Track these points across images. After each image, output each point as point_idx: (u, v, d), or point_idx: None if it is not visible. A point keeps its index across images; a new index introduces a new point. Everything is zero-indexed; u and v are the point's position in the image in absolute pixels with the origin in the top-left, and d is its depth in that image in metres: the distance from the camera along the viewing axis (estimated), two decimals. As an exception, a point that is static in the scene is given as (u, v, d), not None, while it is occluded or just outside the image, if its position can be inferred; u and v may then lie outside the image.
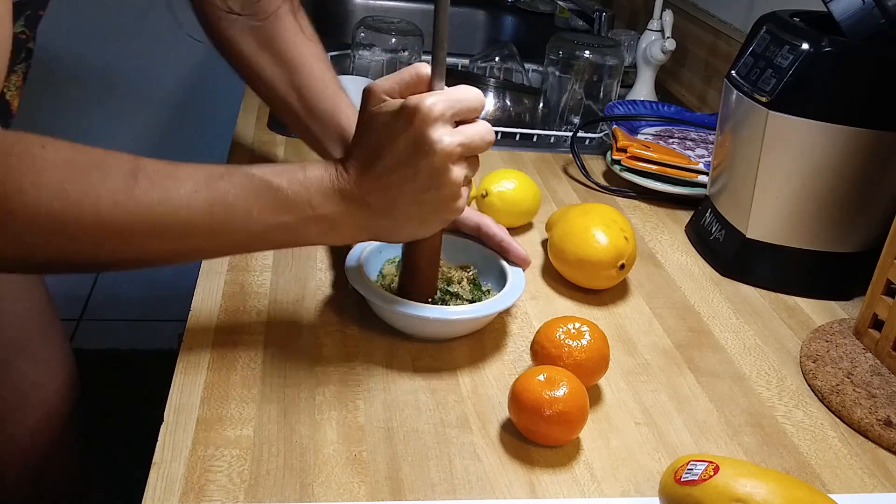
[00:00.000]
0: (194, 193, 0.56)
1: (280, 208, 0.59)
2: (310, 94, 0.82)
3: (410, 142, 0.58)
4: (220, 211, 0.57)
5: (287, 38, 0.83)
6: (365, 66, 1.31)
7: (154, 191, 0.55)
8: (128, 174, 0.54)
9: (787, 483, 0.51)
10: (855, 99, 0.79)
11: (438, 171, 0.59)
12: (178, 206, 0.55)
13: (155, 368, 1.31)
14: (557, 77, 1.29)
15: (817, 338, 0.77)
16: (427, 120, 0.57)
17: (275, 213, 0.59)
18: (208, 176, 0.57)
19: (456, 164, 0.60)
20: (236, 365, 0.65)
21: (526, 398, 0.59)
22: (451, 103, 0.59)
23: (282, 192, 0.58)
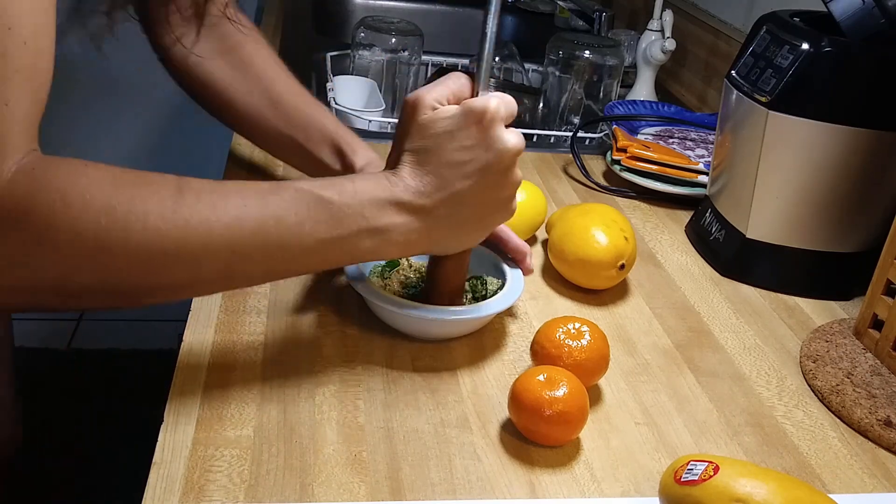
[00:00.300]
0: (243, 207, 0.54)
1: (332, 221, 0.57)
2: (287, 104, 0.80)
3: (481, 142, 0.59)
4: (272, 224, 0.55)
5: (247, 52, 0.82)
6: (365, 66, 1.31)
7: (202, 205, 0.52)
8: (174, 190, 0.52)
9: (787, 483, 0.51)
10: (855, 99, 0.79)
11: (506, 170, 0.60)
12: (228, 220, 0.53)
13: (155, 368, 1.31)
14: (557, 77, 1.29)
15: (817, 338, 0.77)
16: (496, 120, 0.59)
17: (328, 226, 0.57)
18: (256, 190, 0.55)
19: (516, 165, 0.62)
20: (236, 365, 0.65)
21: (526, 398, 0.59)
22: (505, 105, 0.60)
23: (333, 204, 0.57)
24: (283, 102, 0.81)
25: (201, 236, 0.52)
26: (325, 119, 0.80)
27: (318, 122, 0.80)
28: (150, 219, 0.50)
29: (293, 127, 0.80)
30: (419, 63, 1.36)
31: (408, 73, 1.33)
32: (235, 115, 0.83)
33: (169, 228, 0.51)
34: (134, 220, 0.49)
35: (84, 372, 1.98)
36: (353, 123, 1.17)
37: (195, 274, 0.54)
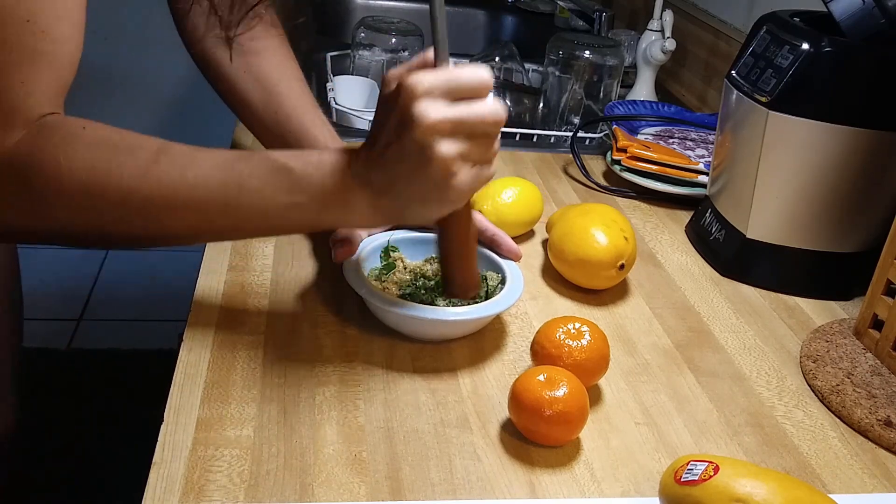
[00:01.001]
0: (209, 171, 0.59)
1: (293, 188, 0.60)
2: (285, 113, 0.83)
3: (397, 118, 0.57)
4: (234, 188, 0.59)
5: (268, 61, 0.85)
6: (365, 66, 1.31)
7: (173, 169, 0.58)
8: (153, 154, 0.58)
9: (787, 483, 0.51)
10: (855, 99, 0.79)
11: (423, 147, 0.56)
12: (195, 183, 0.59)
13: (155, 368, 1.31)
14: (557, 77, 1.29)
15: (817, 338, 0.77)
16: (412, 95, 0.56)
17: (288, 192, 0.60)
18: (227, 158, 0.60)
19: (445, 139, 0.57)
20: (236, 365, 0.65)
21: (526, 398, 0.59)
22: (443, 80, 0.57)
23: (294, 172, 0.60)
24: (284, 108, 0.83)
25: (166, 195, 0.58)
26: (318, 131, 0.82)
27: (310, 134, 0.82)
28: (124, 179, 0.57)
29: (287, 132, 0.83)
30: (419, 63, 1.36)
31: (408, 73, 1.33)
32: (241, 110, 0.86)
33: (140, 186, 0.58)
34: (112, 178, 0.57)
35: (84, 372, 1.98)
36: (354, 123, 1.17)
37: (164, 227, 0.60)
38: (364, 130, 1.15)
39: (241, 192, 0.60)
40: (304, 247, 0.83)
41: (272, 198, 0.60)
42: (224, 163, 0.60)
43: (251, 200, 0.60)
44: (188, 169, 0.59)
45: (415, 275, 0.75)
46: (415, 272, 0.75)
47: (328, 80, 1.23)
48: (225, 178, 0.59)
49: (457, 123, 0.57)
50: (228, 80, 0.85)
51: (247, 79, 0.84)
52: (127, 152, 0.58)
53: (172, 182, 0.58)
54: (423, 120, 0.56)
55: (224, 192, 0.59)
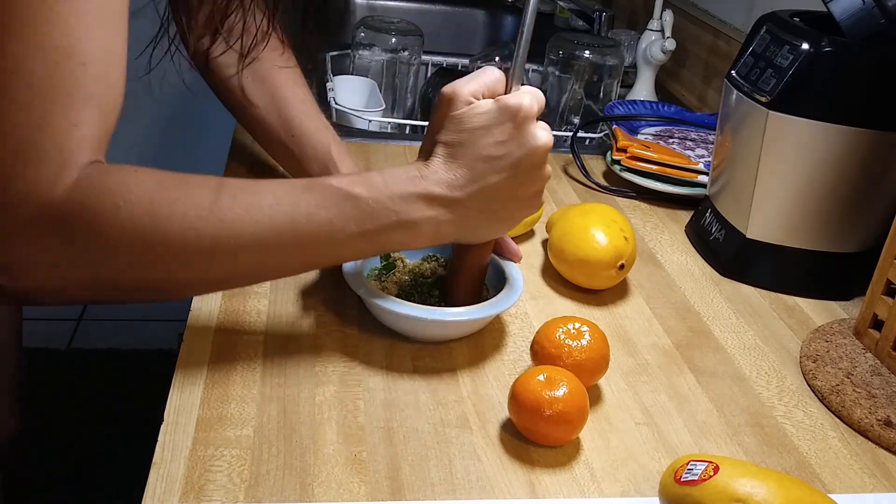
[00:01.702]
0: (276, 206, 0.57)
1: (362, 217, 0.59)
2: (288, 116, 0.83)
3: (514, 138, 0.60)
4: (303, 222, 0.58)
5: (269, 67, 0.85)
6: (365, 66, 1.31)
7: (236, 205, 0.56)
8: (212, 190, 0.56)
9: (787, 483, 0.51)
10: (855, 99, 0.79)
11: (538, 165, 0.62)
12: (261, 218, 0.56)
13: (155, 368, 1.31)
14: (557, 77, 1.29)
15: (817, 338, 0.77)
16: (530, 117, 0.61)
17: (357, 222, 0.59)
18: (289, 189, 0.59)
19: (546, 161, 0.63)
20: (236, 365, 0.65)
21: (526, 398, 0.59)
22: (538, 102, 0.62)
23: (362, 200, 0.59)
24: (287, 112, 0.83)
25: (235, 234, 0.56)
26: (321, 136, 0.82)
27: (314, 139, 0.82)
28: (188, 218, 0.54)
29: (292, 138, 0.83)
30: (419, 63, 1.36)
31: (408, 73, 1.34)
32: (243, 113, 0.86)
33: (206, 227, 0.55)
34: (174, 219, 0.54)
35: (84, 372, 1.98)
36: (354, 123, 1.17)
37: (231, 269, 0.58)
38: (364, 130, 1.15)
39: (309, 226, 0.58)
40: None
41: (342, 228, 0.59)
42: (287, 195, 0.58)
43: (320, 233, 0.58)
44: (252, 205, 0.56)
45: (414, 275, 0.75)
46: (414, 272, 0.75)
47: (328, 80, 1.23)
48: (291, 212, 0.57)
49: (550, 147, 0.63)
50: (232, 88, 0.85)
51: (250, 85, 0.84)
52: (186, 190, 0.55)
53: (239, 220, 0.56)
54: (545, 142, 0.61)
55: (293, 227, 0.57)
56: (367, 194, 0.59)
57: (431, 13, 1.73)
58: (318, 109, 0.84)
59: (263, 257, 0.58)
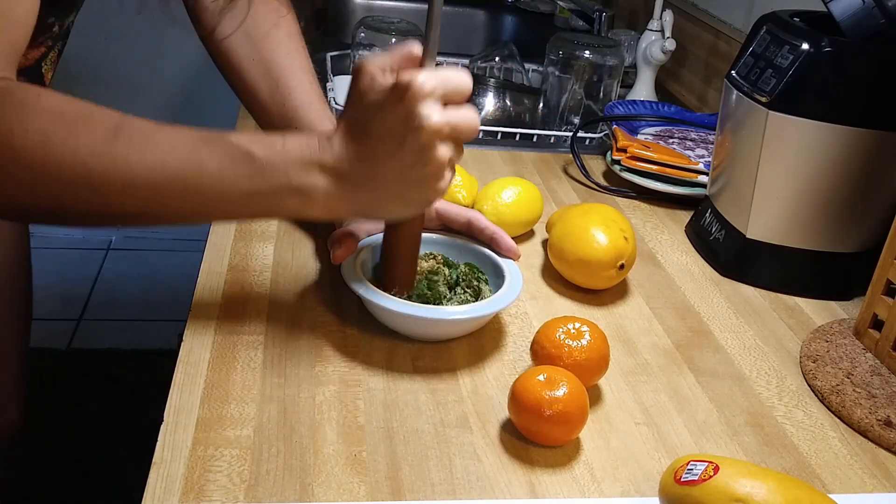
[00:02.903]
0: (170, 153, 0.57)
1: (254, 176, 0.59)
2: (292, 106, 0.82)
3: (400, 116, 0.58)
4: (193, 172, 0.58)
5: (277, 48, 0.84)
6: (365, 66, 1.31)
7: (132, 148, 0.56)
8: (111, 130, 0.56)
9: (787, 483, 0.51)
10: (855, 99, 0.79)
11: (424, 148, 0.59)
12: (153, 164, 0.56)
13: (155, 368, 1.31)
14: (557, 77, 1.29)
15: (817, 338, 0.77)
16: (418, 95, 0.58)
17: (249, 180, 0.59)
18: (187, 138, 0.58)
19: (442, 143, 0.60)
20: (236, 365, 0.65)
21: (526, 398, 0.59)
22: (441, 82, 0.59)
23: (258, 159, 0.59)
24: (291, 100, 0.82)
25: (124, 176, 0.56)
26: (321, 126, 0.80)
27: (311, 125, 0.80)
28: (79, 153, 0.55)
29: (288, 121, 0.81)
30: (419, 63, 1.36)
31: (408, 73, 1.33)
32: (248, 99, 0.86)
33: (96, 164, 0.55)
34: (66, 152, 0.54)
35: (84, 372, 1.98)
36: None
37: (120, 208, 0.58)
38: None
39: (200, 177, 0.58)
40: (305, 247, 0.83)
41: (233, 184, 0.58)
42: (184, 145, 0.58)
43: (211, 185, 0.58)
44: (147, 149, 0.57)
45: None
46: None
47: (328, 80, 1.23)
48: (184, 162, 0.57)
49: (453, 128, 0.60)
50: (238, 69, 0.84)
51: (256, 69, 0.83)
52: (84, 126, 0.56)
53: (129, 162, 0.56)
54: (432, 123, 0.58)
55: (183, 176, 0.57)
56: (263, 154, 0.59)
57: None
58: (322, 98, 0.83)
59: (152, 201, 0.58)
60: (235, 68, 0.84)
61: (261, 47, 0.83)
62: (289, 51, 0.84)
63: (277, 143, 0.60)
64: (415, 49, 0.61)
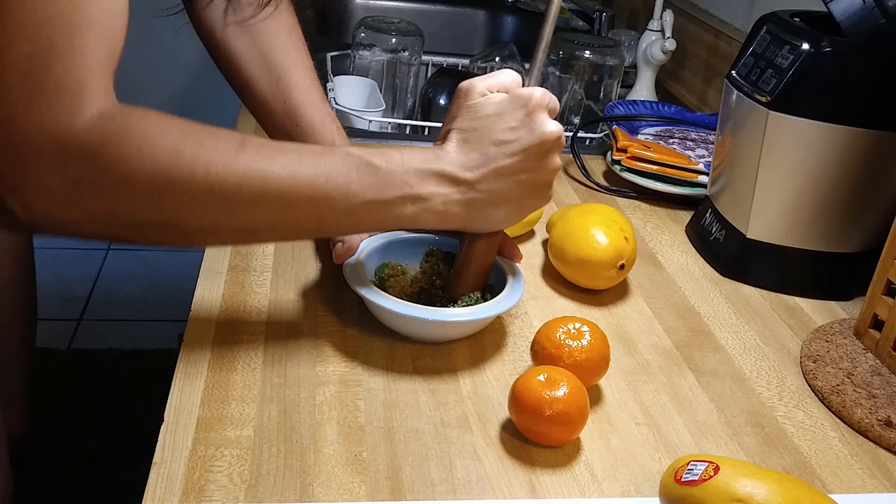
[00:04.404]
0: (298, 163, 0.59)
1: (378, 184, 0.61)
2: (295, 104, 0.82)
3: (525, 124, 0.63)
4: (322, 181, 0.59)
5: (278, 45, 0.83)
6: (365, 66, 1.31)
7: (260, 158, 0.57)
8: (237, 143, 0.57)
9: (787, 483, 0.51)
10: (855, 99, 0.79)
11: (546, 153, 0.64)
12: (282, 173, 0.58)
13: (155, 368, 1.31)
14: (557, 77, 1.29)
15: (817, 338, 0.77)
16: (541, 106, 0.63)
17: (374, 189, 0.61)
18: (311, 149, 0.63)
19: (557, 152, 0.65)
20: (236, 365, 0.65)
21: (526, 398, 0.59)
22: (550, 98, 0.64)
23: (380, 169, 0.61)
24: (293, 100, 0.82)
25: (257, 184, 0.57)
26: (327, 128, 0.81)
27: (319, 130, 0.81)
28: (212, 165, 0.55)
29: (295, 128, 0.81)
30: (419, 63, 1.36)
31: (408, 73, 1.33)
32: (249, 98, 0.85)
33: (229, 175, 0.56)
34: (198, 164, 0.55)
35: (84, 372, 1.98)
36: (354, 123, 1.17)
37: (250, 219, 0.59)
38: (364, 130, 1.15)
39: (328, 186, 0.59)
40: (305, 247, 0.83)
41: (358, 193, 0.60)
42: (310, 156, 0.60)
43: (338, 195, 0.60)
44: (275, 159, 0.58)
45: (415, 275, 0.75)
46: (415, 272, 0.75)
47: (328, 80, 1.23)
48: (313, 172, 0.59)
49: (563, 140, 0.65)
50: (237, 65, 0.83)
51: (256, 65, 0.83)
52: (212, 139, 0.56)
53: (261, 171, 0.57)
54: (555, 132, 0.64)
55: (312, 185, 0.59)
56: (385, 165, 0.61)
57: (431, 13, 1.73)
58: (323, 97, 0.83)
59: (281, 211, 0.59)
60: (235, 64, 0.83)
61: (261, 43, 0.83)
62: (289, 47, 0.84)
63: (396, 155, 0.63)
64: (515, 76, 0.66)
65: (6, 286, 0.96)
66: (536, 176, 0.65)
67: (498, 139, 0.63)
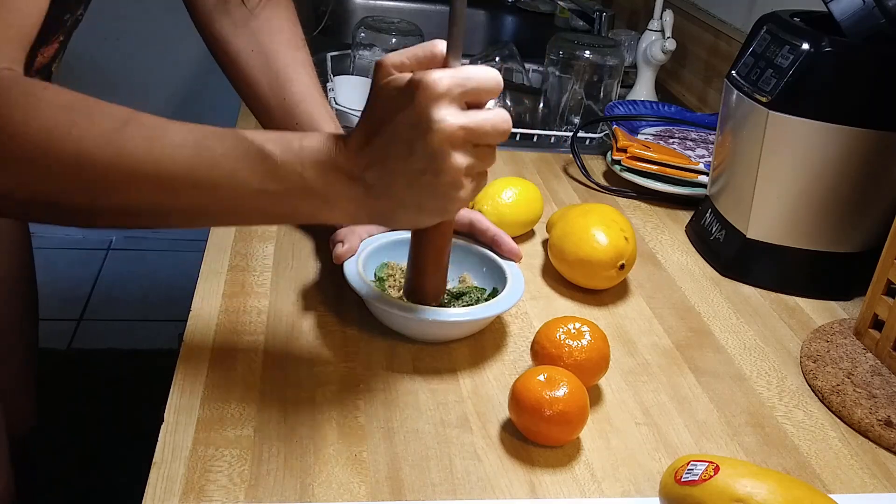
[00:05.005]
0: (180, 147, 0.55)
1: (268, 175, 0.55)
2: (293, 100, 0.81)
3: (411, 118, 0.54)
4: (204, 168, 0.55)
5: (277, 41, 0.83)
6: (365, 66, 1.31)
7: (140, 140, 0.54)
8: (119, 121, 0.54)
9: (787, 483, 0.51)
10: (855, 99, 0.79)
11: (436, 154, 0.54)
12: (161, 156, 0.54)
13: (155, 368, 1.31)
14: (558, 77, 1.29)
15: (817, 338, 0.77)
16: (430, 96, 0.53)
17: (262, 178, 0.55)
18: (199, 133, 0.56)
19: (458, 149, 0.54)
20: (236, 365, 0.65)
21: (526, 398, 0.59)
22: (460, 81, 0.54)
23: (272, 158, 0.55)
24: (291, 95, 0.81)
25: (130, 167, 0.54)
26: (325, 125, 0.80)
27: (315, 123, 0.80)
28: (84, 142, 0.52)
29: (294, 125, 0.81)
30: (419, 63, 1.36)
31: (408, 73, 1.33)
32: (248, 93, 0.84)
33: (101, 154, 0.53)
34: (70, 141, 0.52)
35: (84, 372, 1.98)
36: (354, 123, 1.17)
37: (125, 202, 0.56)
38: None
39: (211, 173, 0.55)
40: (305, 247, 0.83)
41: (245, 183, 0.55)
42: (196, 139, 0.55)
43: (221, 183, 0.55)
44: (156, 141, 0.54)
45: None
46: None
47: (328, 80, 1.23)
48: (195, 156, 0.55)
49: (471, 132, 0.54)
50: (236, 61, 0.83)
51: (255, 60, 0.82)
52: (90, 117, 0.53)
53: (136, 152, 0.53)
54: (443, 127, 0.53)
55: (192, 171, 0.55)
56: (279, 153, 0.55)
57: (431, 13, 1.73)
58: (321, 93, 0.83)
59: (159, 196, 0.55)
60: (233, 59, 0.83)
61: (260, 38, 0.82)
62: (288, 43, 0.84)
63: (294, 143, 0.56)
64: (438, 46, 0.57)
65: (5, 279, 0.96)
66: (433, 178, 0.55)
67: (387, 134, 0.55)
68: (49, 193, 0.54)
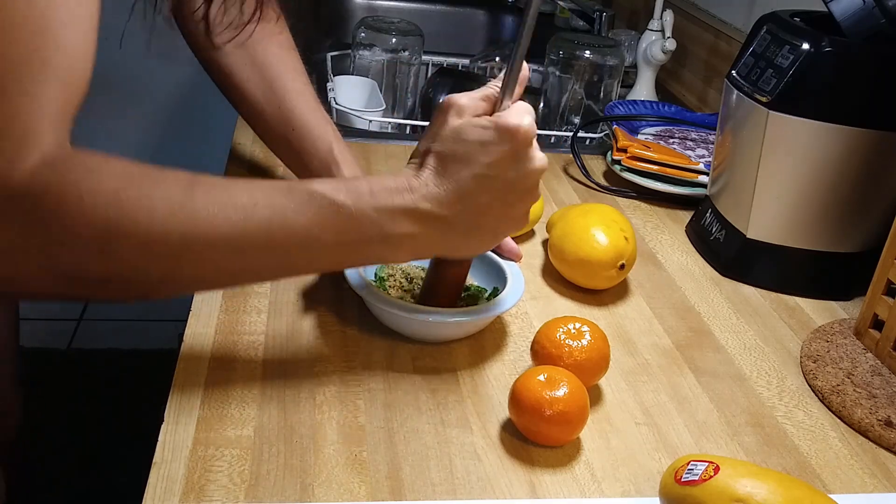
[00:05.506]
0: (252, 207, 0.54)
1: (342, 227, 0.56)
2: (289, 107, 0.81)
3: (511, 159, 0.59)
4: (278, 225, 0.54)
5: (270, 51, 0.83)
6: (365, 66, 1.31)
7: (210, 202, 0.53)
8: (185, 186, 0.53)
9: (787, 483, 0.51)
10: (855, 99, 0.79)
11: (531, 188, 0.61)
12: (235, 218, 0.53)
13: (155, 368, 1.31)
14: (558, 77, 1.29)
15: (818, 338, 0.77)
16: (528, 140, 0.59)
17: (337, 232, 0.56)
18: (267, 190, 0.55)
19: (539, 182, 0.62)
20: (236, 365, 0.65)
21: (526, 398, 0.59)
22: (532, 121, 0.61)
23: (346, 209, 0.56)
24: (287, 104, 0.82)
25: (206, 233, 0.52)
26: (322, 132, 0.80)
27: (314, 135, 0.80)
28: (156, 212, 0.51)
29: (292, 131, 0.81)
30: (419, 63, 1.36)
31: (408, 73, 1.33)
32: (244, 105, 0.85)
33: (175, 222, 0.51)
34: (141, 212, 0.51)
35: (84, 372, 1.98)
36: (354, 123, 1.17)
37: (200, 269, 0.55)
38: (364, 130, 1.15)
39: (285, 231, 0.55)
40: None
41: (320, 237, 0.56)
42: (266, 197, 0.54)
43: (297, 239, 0.55)
44: (227, 203, 0.53)
45: (416, 276, 0.75)
46: (416, 273, 0.75)
47: (328, 80, 1.23)
48: (269, 215, 0.54)
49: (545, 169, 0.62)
50: (229, 73, 0.83)
51: (248, 71, 0.82)
52: (157, 185, 0.52)
53: (211, 218, 0.52)
54: (542, 164, 0.61)
55: (268, 230, 0.54)
56: (351, 203, 0.56)
57: (431, 13, 1.73)
58: (317, 100, 0.83)
59: (235, 259, 0.55)
60: (227, 72, 0.83)
61: (254, 52, 0.83)
62: (280, 52, 0.84)
63: (364, 189, 0.57)
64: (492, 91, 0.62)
65: None
66: (517, 209, 0.62)
67: (479, 173, 0.58)
68: (117, 271, 0.52)
